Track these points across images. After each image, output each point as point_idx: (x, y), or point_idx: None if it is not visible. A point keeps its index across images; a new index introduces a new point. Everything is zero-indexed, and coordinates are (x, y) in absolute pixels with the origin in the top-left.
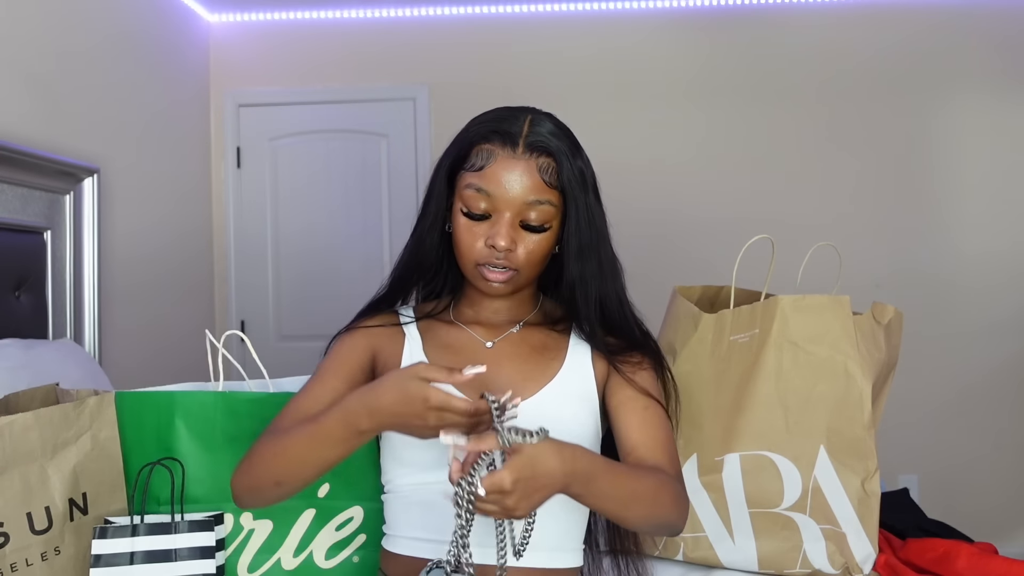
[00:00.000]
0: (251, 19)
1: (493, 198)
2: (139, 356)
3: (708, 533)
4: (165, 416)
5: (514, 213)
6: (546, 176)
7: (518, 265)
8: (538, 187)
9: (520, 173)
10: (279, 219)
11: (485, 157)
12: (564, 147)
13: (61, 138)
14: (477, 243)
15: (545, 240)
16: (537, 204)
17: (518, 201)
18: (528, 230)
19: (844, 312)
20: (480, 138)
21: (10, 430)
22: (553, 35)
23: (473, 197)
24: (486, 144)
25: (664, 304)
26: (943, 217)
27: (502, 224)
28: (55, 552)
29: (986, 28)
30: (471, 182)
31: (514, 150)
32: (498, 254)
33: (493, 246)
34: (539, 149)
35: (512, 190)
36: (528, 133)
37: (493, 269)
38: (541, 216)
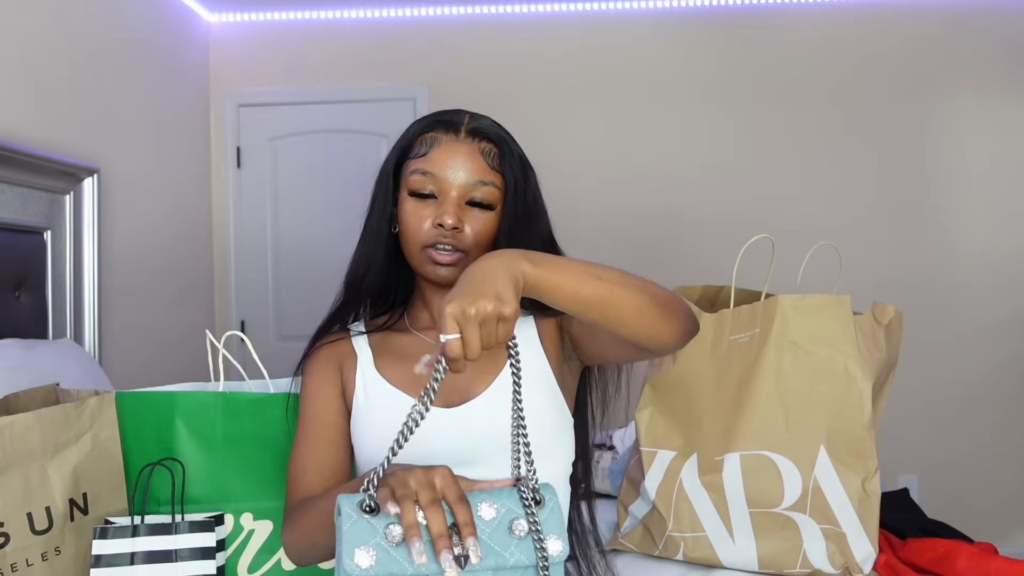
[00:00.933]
0: (251, 19)
1: (439, 179)
2: (139, 356)
3: (708, 533)
4: (165, 416)
5: (460, 193)
6: (489, 160)
7: (466, 246)
8: (482, 168)
9: (464, 155)
10: (279, 219)
11: (429, 144)
12: (504, 136)
13: (61, 138)
14: (424, 224)
15: (491, 220)
16: (482, 185)
17: (463, 181)
18: (475, 207)
19: (844, 312)
20: (423, 129)
21: (11, 430)
22: (553, 35)
23: (419, 180)
24: (429, 133)
25: None
26: (943, 217)
27: (448, 203)
28: (55, 552)
29: (986, 28)
30: (416, 167)
31: (457, 135)
32: (446, 233)
33: (441, 224)
34: (481, 135)
35: (457, 171)
36: (469, 122)
37: (441, 251)
38: (487, 195)
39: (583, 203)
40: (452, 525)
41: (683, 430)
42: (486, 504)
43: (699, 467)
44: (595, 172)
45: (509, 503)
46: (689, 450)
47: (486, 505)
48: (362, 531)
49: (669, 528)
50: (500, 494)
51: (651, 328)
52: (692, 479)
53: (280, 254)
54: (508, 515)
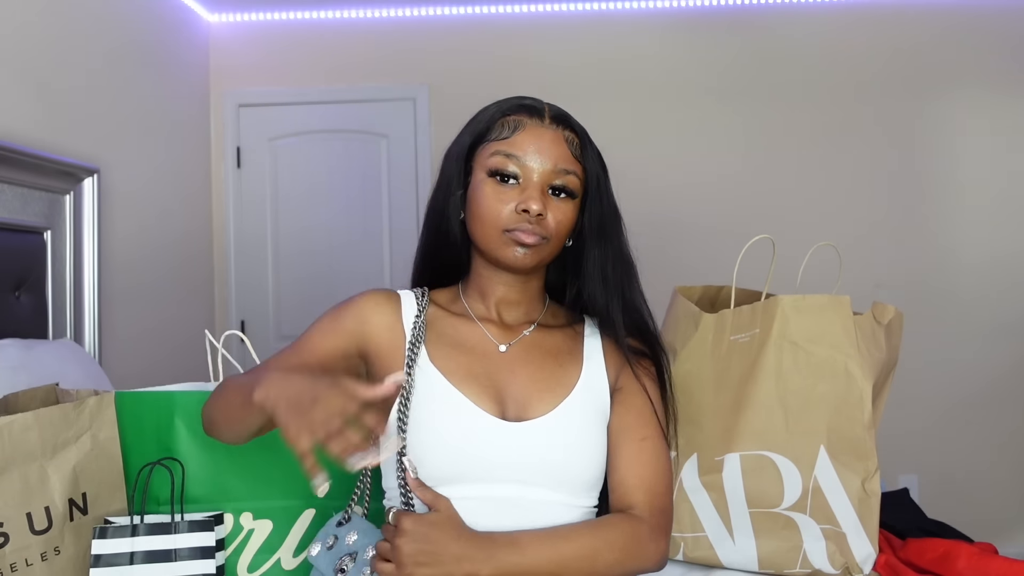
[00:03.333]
0: (251, 19)
1: (523, 163)
2: (139, 356)
3: (708, 533)
4: (165, 416)
5: (543, 179)
6: (573, 148)
7: (549, 233)
8: (566, 157)
9: (550, 141)
10: (279, 219)
11: (512, 126)
12: (584, 129)
13: (61, 138)
14: (505, 208)
15: (572, 211)
16: (565, 173)
17: (548, 167)
18: (557, 196)
19: (844, 312)
20: (503, 113)
21: (10, 430)
22: (554, 35)
23: (502, 161)
24: (512, 116)
25: (664, 304)
26: (944, 217)
27: (533, 188)
28: (55, 552)
29: (987, 28)
30: (499, 149)
31: (542, 120)
32: (531, 219)
33: (526, 210)
34: (565, 123)
35: (543, 155)
36: (551, 110)
37: (524, 232)
38: (570, 183)
39: None
40: None
41: (683, 430)
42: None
43: (699, 467)
44: None
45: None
46: (689, 450)
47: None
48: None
49: None
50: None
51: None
52: (692, 479)
53: (280, 254)
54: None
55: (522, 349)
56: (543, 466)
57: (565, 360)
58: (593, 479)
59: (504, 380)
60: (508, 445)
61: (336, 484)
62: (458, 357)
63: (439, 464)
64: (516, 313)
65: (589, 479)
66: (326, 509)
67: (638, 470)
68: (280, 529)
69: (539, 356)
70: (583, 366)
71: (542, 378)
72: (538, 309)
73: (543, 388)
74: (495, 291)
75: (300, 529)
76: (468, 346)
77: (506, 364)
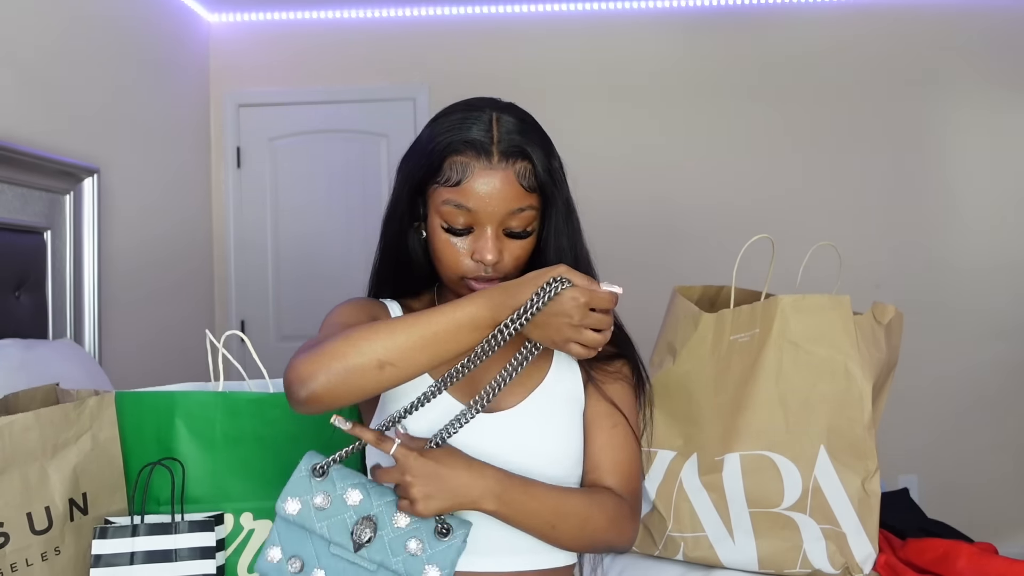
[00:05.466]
0: (251, 19)
1: (474, 212)
2: (139, 356)
3: (708, 533)
4: (165, 416)
5: (497, 225)
6: (525, 182)
7: (505, 273)
8: (519, 195)
9: (500, 183)
10: (279, 219)
11: (460, 171)
12: (536, 146)
13: (61, 138)
14: (462, 259)
15: (529, 244)
16: (519, 212)
17: (500, 212)
18: (512, 237)
19: (844, 312)
20: (451, 150)
21: (10, 430)
22: (553, 35)
23: (452, 213)
24: (459, 157)
25: (664, 304)
26: (943, 217)
27: (487, 239)
28: (55, 552)
29: (987, 28)
30: (448, 198)
31: (489, 160)
32: (486, 268)
33: (480, 261)
34: (514, 154)
35: (493, 202)
36: (499, 138)
37: (481, 281)
38: (524, 222)
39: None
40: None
41: (683, 430)
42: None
43: (699, 467)
44: (596, 172)
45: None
46: (689, 450)
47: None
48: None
49: (669, 528)
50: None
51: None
52: (692, 479)
53: (280, 254)
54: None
55: None
56: (515, 455)
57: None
58: (567, 468)
59: (477, 372)
60: (480, 436)
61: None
62: None
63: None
64: None
65: (563, 468)
66: None
67: (611, 454)
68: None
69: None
70: (554, 356)
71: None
72: None
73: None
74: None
75: None
76: None
77: None
